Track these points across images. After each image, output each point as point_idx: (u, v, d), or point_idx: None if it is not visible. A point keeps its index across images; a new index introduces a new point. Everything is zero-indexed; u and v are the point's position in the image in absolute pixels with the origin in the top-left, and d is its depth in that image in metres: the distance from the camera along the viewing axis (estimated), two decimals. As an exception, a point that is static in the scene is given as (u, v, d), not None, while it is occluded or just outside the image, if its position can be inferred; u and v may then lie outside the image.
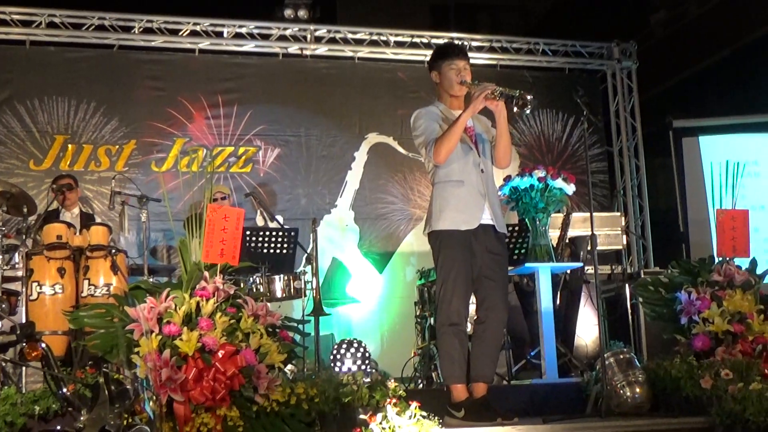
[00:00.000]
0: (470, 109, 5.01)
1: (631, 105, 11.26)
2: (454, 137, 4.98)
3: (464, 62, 5.22)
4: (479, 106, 5.00)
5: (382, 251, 10.01)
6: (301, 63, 10.26)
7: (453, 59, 5.20)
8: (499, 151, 5.18)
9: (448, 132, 4.99)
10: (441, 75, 5.24)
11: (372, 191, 10.07)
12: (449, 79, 5.19)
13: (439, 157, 5.00)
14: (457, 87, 5.19)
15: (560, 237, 7.35)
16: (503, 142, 5.16)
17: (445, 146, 4.97)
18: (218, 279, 4.49)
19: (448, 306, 4.97)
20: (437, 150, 4.98)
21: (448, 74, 5.20)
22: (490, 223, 5.08)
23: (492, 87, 5.01)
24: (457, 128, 4.97)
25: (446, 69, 5.21)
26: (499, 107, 5.04)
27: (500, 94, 5.01)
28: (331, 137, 10.06)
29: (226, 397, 4.17)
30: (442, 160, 5.02)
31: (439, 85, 5.28)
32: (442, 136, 5.00)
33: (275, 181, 9.76)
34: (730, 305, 5.54)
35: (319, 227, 8.80)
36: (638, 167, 11.15)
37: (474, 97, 5.00)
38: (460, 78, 5.17)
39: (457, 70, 5.19)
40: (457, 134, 4.98)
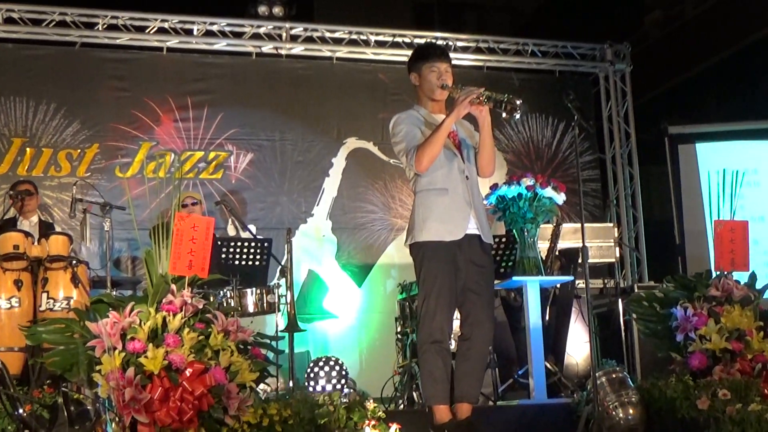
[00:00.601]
0: (454, 114, 4.99)
1: (624, 110, 11.32)
2: (437, 144, 4.97)
3: (446, 65, 5.22)
4: (463, 111, 4.99)
5: (361, 263, 10.00)
6: (276, 63, 10.26)
7: (434, 61, 5.20)
8: (482, 159, 5.19)
9: (430, 138, 4.98)
10: (421, 78, 5.24)
11: (351, 199, 10.07)
12: (429, 83, 5.19)
13: (421, 166, 4.99)
14: (438, 91, 5.18)
15: (550, 249, 7.36)
16: (487, 150, 5.16)
17: (427, 154, 4.97)
18: (186, 292, 4.47)
19: (430, 322, 4.96)
20: (419, 158, 4.97)
21: (428, 77, 5.20)
22: (476, 233, 5.08)
23: (478, 91, 4.99)
24: (440, 134, 4.97)
25: (426, 71, 5.20)
26: (483, 113, 5.03)
27: (487, 98, 4.99)
28: (307, 142, 10.05)
29: (194, 419, 4.15)
30: (425, 169, 5.01)
31: (418, 88, 5.28)
32: (425, 143, 4.98)
33: (248, 188, 9.75)
34: (728, 322, 5.56)
35: (295, 237, 8.78)
36: (632, 176, 11.20)
37: (458, 102, 4.97)
38: (441, 82, 5.17)
39: (438, 73, 5.19)
40: (440, 141, 4.98)
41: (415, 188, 5.15)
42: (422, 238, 5.02)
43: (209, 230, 4.64)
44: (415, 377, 6.83)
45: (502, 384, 7.03)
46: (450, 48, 10.51)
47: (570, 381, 7.11)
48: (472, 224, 5.08)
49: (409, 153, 5.03)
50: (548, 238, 7.45)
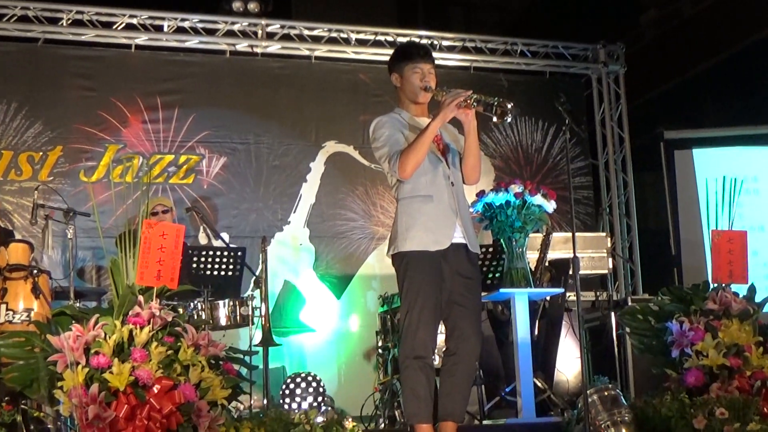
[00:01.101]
0: (440, 118, 4.99)
1: (618, 113, 11.36)
2: (422, 149, 4.98)
3: (429, 65, 5.23)
4: (450, 114, 5.00)
5: (341, 274, 9.99)
6: (251, 62, 10.25)
7: (417, 62, 5.21)
8: (467, 165, 5.20)
9: (415, 143, 4.98)
10: (403, 79, 5.24)
11: (329, 206, 10.06)
12: (412, 85, 5.20)
13: (405, 172, 4.99)
14: (420, 93, 5.19)
15: (539, 260, 7.38)
16: (472, 156, 5.18)
17: (412, 159, 4.97)
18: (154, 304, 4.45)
19: (413, 336, 4.96)
20: (403, 164, 4.97)
21: (410, 78, 5.21)
22: (462, 242, 5.09)
23: (465, 94, 5.00)
24: (425, 139, 4.97)
25: (409, 72, 5.21)
26: (469, 117, 5.05)
27: (476, 101, 4.99)
28: (284, 145, 10.04)
29: (162, 438, 4.14)
30: (408, 175, 5.01)
31: (400, 90, 5.29)
32: (409, 148, 4.99)
33: (220, 193, 9.73)
34: (726, 337, 5.59)
35: (270, 246, 8.76)
36: (626, 183, 11.24)
37: (445, 105, 4.98)
38: (425, 84, 5.17)
39: (422, 74, 5.20)
40: (425, 146, 4.98)
41: (397, 195, 5.15)
42: (405, 247, 5.02)
43: (179, 238, 4.63)
44: (397, 395, 6.83)
45: (489, 402, 7.04)
46: (435, 47, 10.52)
47: (560, 399, 7.13)
48: (458, 233, 5.08)
49: (392, 158, 5.02)
50: (537, 248, 7.47)
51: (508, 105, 4.93)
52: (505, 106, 4.93)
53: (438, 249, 5.00)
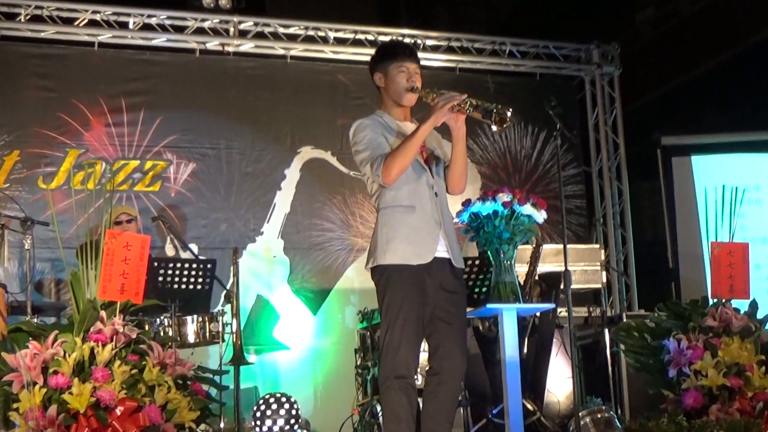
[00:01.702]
0: (431, 121, 4.97)
1: (612, 118, 11.41)
2: (409, 154, 4.97)
3: (415, 65, 5.23)
4: (442, 118, 4.98)
5: (317, 288, 9.99)
6: (222, 61, 10.25)
7: (402, 60, 5.21)
8: (453, 175, 5.20)
9: (403, 147, 4.96)
10: (387, 78, 5.23)
11: (305, 216, 10.06)
12: (397, 85, 5.19)
13: (389, 177, 4.98)
14: (406, 95, 5.18)
15: (528, 273, 7.40)
16: (459, 165, 5.18)
17: (398, 164, 4.95)
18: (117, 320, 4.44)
19: (394, 354, 4.95)
20: (388, 168, 4.95)
21: (396, 78, 5.19)
22: (446, 257, 5.09)
23: (460, 97, 4.97)
24: (414, 143, 4.96)
25: (394, 71, 5.20)
26: (459, 123, 5.03)
27: (471, 107, 4.96)
28: (256, 151, 10.04)
29: (125, 464, 4.13)
30: (392, 181, 5.00)
31: (383, 91, 5.27)
32: (396, 152, 4.97)
33: (189, 202, 9.71)
34: (726, 355, 5.61)
35: (242, 258, 8.76)
36: (621, 191, 11.29)
37: (437, 107, 4.95)
38: (411, 84, 5.17)
39: (408, 74, 5.20)
40: (413, 150, 4.98)
41: (378, 205, 5.14)
42: (386, 260, 5.02)
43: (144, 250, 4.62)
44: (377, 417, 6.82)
45: (475, 424, 7.04)
46: (419, 47, 10.56)
47: (550, 421, 7.14)
48: (441, 247, 5.09)
49: (375, 162, 5.00)
50: (527, 261, 7.49)
51: (507, 112, 4.89)
52: (504, 113, 4.89)
53: (420, 263, 5.00)
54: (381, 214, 5.12)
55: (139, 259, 4.58)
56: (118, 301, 4.52)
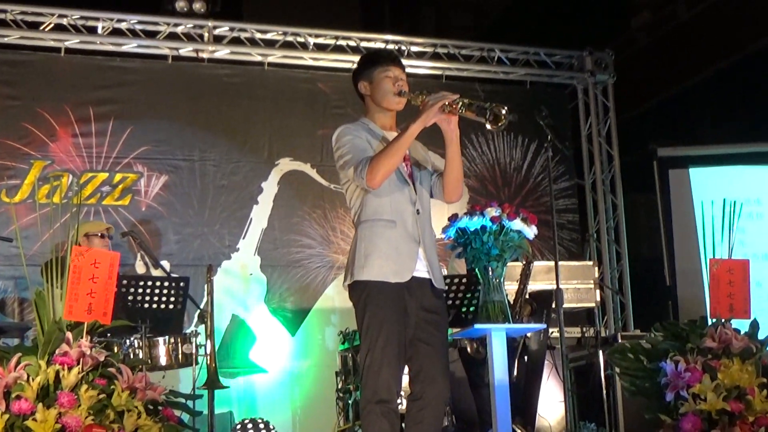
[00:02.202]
0: (421, 121, 4.94)
1: (606, 128, 11.45)
2: (396, 155, 4.94)
3: (401, 71, 5.26)
4: (432, 118, 4.96)
5: (296, 307, 9.98)
6: (197, 68, 10.25)
7: (387, 65, 5.23)
8: (449, 180, 5.20)
9: (390, 147, 4.94)
10: (372, 85, 5.23)
11: (283, 232, 10.06)
12: (383, 89, 5.19)
13: (374, 180, 4.94)
14: (393, 99, 5.18)
15: (518, 291, 7.41)
16: (455, 170, 5.17)
17: (384, 166, 4.92)
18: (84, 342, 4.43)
19: (375, 378, 4.95)
20: (373, 169, 4.91)
21: (382, 83, 5.19)
22: (426, 277, 5.09)
23: (452, 97, 4.96)
24: (401, 143, 4.93)
25: (380, 77, 5.20)
26: (452, 125, 5.03)
27: (464, 106, 4.94)
28: (232, 163, 10.04)
29: (92, 494, 4.11)
30: (377, 184, 4.97)
31: (369, 98, 5.27)
32: (382, 153, 4.94)
33: (160, 217, 9.70)
34: (726, 378, 5.62)
35: (216, 276, 8.75)
36: (615, 205, 11.32)
37: (427, 106, 4.93)
38: (399, 88, 5.18)
39: (394, 78, 5.21)
40: (401, 152, 4.96)
41: (357, 218, 5.13)
42: (363, 276, 5.00)
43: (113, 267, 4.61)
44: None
45: (462, 451, 7.04)
46: (403, 53, 10.58)
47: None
48: (421, 266, 5.07)
49: (360, 164, 4.97)
50: (517, 279, 7.49)
51: (502, 110, 4.90)
52: (499, 110, 4.89)
53: (398, 281, 4.99)
54: (360, 228, 5.11)
55: (107, 277, 4.57)
56: (85, 321, 4.51)
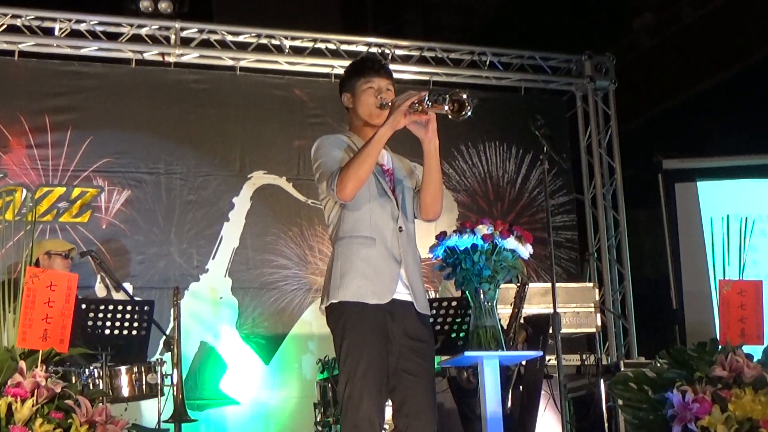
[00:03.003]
0: (389, 124, 4.90)
1: (607, 138, 11.47)
2: (366, 163, 4.93)
3: (386, 81, 5.23)
4: (400, 120, 4.94)
5: (270, 333, 9.97)
6: (162, 73, 10.24)
7: (370, 76, 5.21)
8: (426, 194, 5.19)
9: (358, 155, 4.92)
10: (354, 97, 5.24)
11: (257, 251, 10.05)
12: (365, 103, 5.18)
13: (344, 191, 4.94)
14: (375, 112, 5.17)
15: (512, 316, 7.41)
16: (433, 183, 5.16)
17: (353, 175, 4.92)
18: (39, 372, 4.41)
19: (355, 410, 4.93)
20: (343, 179, 4.91)
21: (362, 96, 5.19)
22: (408, 300, 5.08)
23: (418, 94, 4.95)
24: (371, 149, 4.91)
25: (362, 88, 5.20)
26: (429, 133, 5.01)
27: (431, 101, 4.90)
28: (201, 176, 10.02)
29: None
30: (349, 196, 4.96)
31: (351, 112, 5.28)
32: (350, 162, 4.91)
33: (123, 235, 9.68)
34: (737, 409, 5.62)
35: (183, 300, 8.72)
36: (617, 222, 11.33)
37: (394, 107, 4.93)
38: (381, 100, 5.17)
39: (377, 89, 5.20)
40: (370, 159, 4.95)
41: (334, 235, 5.12)
42: (339, 296, 4.98)
43: (71, 290, 4.60)
44: (339, 481, 6.80)
45: (452, 490, 7.03)
46: (387, 57, 10.58)
47: (538, 486, 7.14)
48: (402, 288, 5.05)
49: (331, 177, 4.97)
50: (511, 302, 7.50)
51: (463, 95, 4.86)
52: (459, 97, 4.86)
53: (378, 302, 4.98)
54: (337, 245, 5.10)
55: (64, 301, 4.55)
56: (41, 349, 4.49)
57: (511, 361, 6.96)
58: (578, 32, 12.32)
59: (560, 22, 13.09)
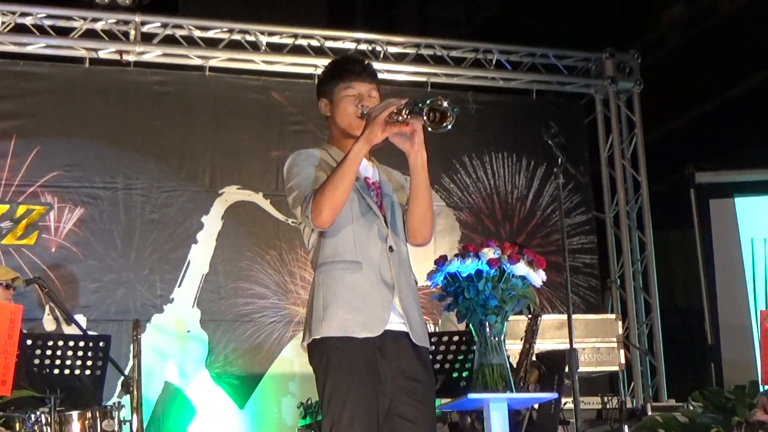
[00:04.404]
0: (364, 139, 4.84)
1: (632, 148, 11.48)
2: (342, 184, 4.89)
3: (369, 85, 5.19)
4: (378, 133, 4.86)
5: (245, 373, 9.96)
6: (121, 75, 10.25)
7: (351, 80, 5.17)
8: (414, 216, 5.14)
9: (333, 176, 4.87)
10: (333, 105, 5.22)
11: (230, 278, 10.04)
12: (344, 112, 5.14)
13: (320, 217, 4.90)
14: (356, 122, 5.14)
15: (523, 352, 7.41)
16: (420, 204, 5.11)
17: (328, 199, 4.88)
18: (-22, 417, 4.42)
19: (342, 462, 4.93)
20: (317, 204, 4.87)
21: (341, 103, 5.14)
22: (403, 330, 5.05)
23: (397, 102, 4.90)
24: (345, 170, 4.87)
25: (340, 95, 5.16)
26: (414, 145, 4.95)
27: (409, 109, 4.85)
28: (165, 192, 10.02)
29: None
30: (326, 222, 4.93)
31: (330, 120, 5.26)
32: (324, 184, 4.88)
33: (75, 259, 9.67)
34: (780, 459, 5.64)
35: (145, 334, 8.71)
36: (643, 244, 11.34)
37: (371, 119, 4.87)
38: (362, 109, 5.15)
39: (357, 96, 5.16)
40: (346, 180, 4.91)
41: (315, 260, 5.08)
42: (322, 332, 4.95)
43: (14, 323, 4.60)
44: None
45: None
46: (378, 55, 10.59)
47: None
48: (395, 318, 5.02)
49: (305, 200, 4.95)
50: (521, 337, 7.50)
51: (443, 103, 4.81)
52: (438, 105, 4.81)
53: (368, 336, 4.96)
54: (318, 273, 5.06)
55: (6, 337, 4.55)
56: (-21, 392, 4.49)
57: (521, 404, 6.96)
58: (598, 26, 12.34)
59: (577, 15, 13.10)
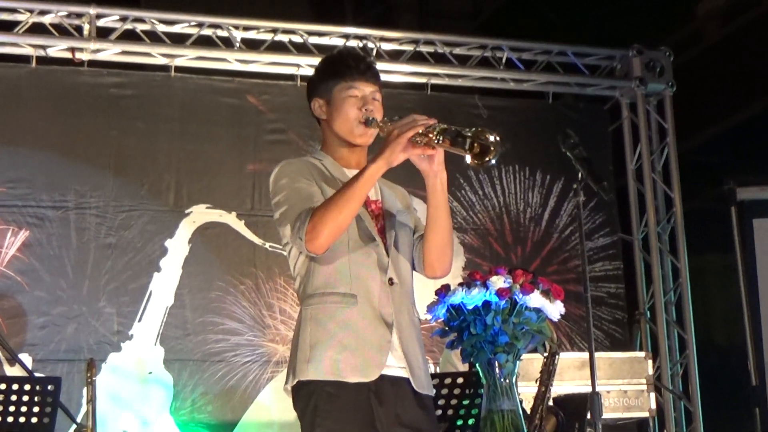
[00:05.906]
0: (383, 159, 4.80)
1: (664, 159, 11.49)
2: (347, 207, 4.84)
3: (373, 87, 5.15)
4: (399, 155, 4.84)
5: (216, 421, 9.96)
6: (73, 76, 10.24)
7: (353, 79, 5.14)
8: (433, 246, 5.11)
9: (339, 197, 4.82)
10: (331, 106, 5.17)
11: (198, 311, 10.03)
12: (345, 116, 5.11)
13: (316, 242, 4.85)
14: (358, 129, 5.12)
15: (538, 396, 7.39)
16: (441, 230, 5.08)
17: (330, 222, 4.82)
18: None
19: None
20: (316, 226, 4.82)
21: (342, 105, 5.11)
22: (402, 376, 5.03)
23: (425, 121, 4.86)
24: (356, 191, 4.81)
25: (341, 96, 5.13)
26: (434, 165, 4.93)
27: (441, 134, 4.84)
28: (123, 211, 10.01)
29: None
30: (322, 248, 4.88)
31: (324, 125, 5.23)
32: (327, 204, 4.83)
33: (19, 290, 9.65)
34: None
35: (100, 376, 8.70)
36: (677, 271, 11.33)
37: (392, 139, 4.81)
38: (366, 114, 5.11)
39: (361, 98, 5.14)
40: (355, 202, 4.86)
41: (302, 291, 5.07)
42: (309, 374, 4.93)
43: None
44: None
45: None
46: (370, 53, 10.60)
47: None
48: (393, 360, 5.01)
49: (298, 220, 4.90)
50: (536, 378, 7.48)
51: (489, 136, 4.79)
52: (485, 137, 4.80)
53: (362, 381, 4.93)
54: (306, 305, 5.04)
55: (-62, 380, 4.53)
56: None
57: (536, 456, 6.95)
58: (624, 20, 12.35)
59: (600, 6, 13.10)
